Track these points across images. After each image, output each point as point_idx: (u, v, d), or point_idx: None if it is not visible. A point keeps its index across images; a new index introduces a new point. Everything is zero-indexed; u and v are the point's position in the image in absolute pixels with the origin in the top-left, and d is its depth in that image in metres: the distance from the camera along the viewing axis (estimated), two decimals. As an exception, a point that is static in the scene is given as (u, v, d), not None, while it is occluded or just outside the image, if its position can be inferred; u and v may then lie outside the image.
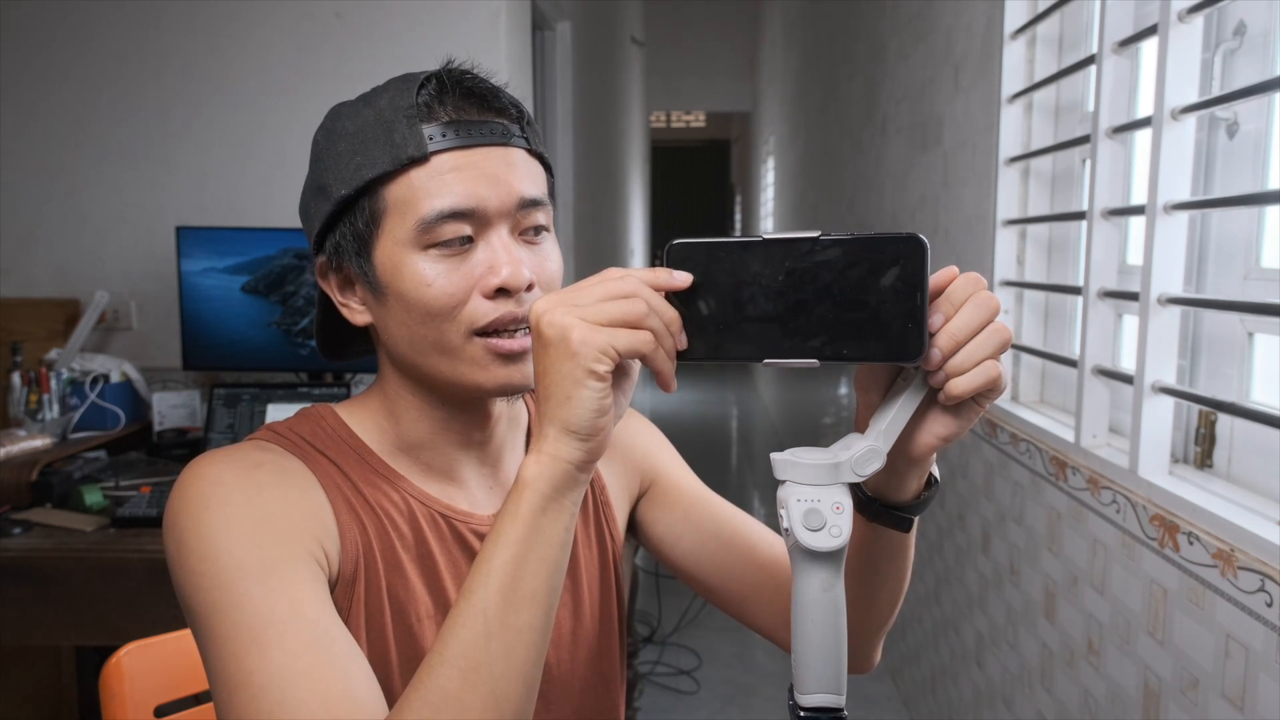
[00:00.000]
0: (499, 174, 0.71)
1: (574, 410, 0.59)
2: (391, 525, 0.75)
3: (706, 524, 0.91)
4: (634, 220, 8.38)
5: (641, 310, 0.57)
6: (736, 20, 9.79)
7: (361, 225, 0.72)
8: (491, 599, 0.60)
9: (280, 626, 0.63)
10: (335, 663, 0.62)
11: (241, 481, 0.69)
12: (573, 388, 0.58)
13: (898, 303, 0.56)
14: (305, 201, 0.77)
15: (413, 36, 2.39)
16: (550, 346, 0.58)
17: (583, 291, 0.59)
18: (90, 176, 2.43)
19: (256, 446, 0.75)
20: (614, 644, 0.89)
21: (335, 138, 0.73)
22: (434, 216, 0.69)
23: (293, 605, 0.64)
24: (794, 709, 0.60)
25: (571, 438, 0.60)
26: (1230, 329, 1.31)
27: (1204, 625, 1.16)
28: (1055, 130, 1.88)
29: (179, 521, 0.68)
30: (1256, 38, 1.26)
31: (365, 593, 0.73)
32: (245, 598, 0.64)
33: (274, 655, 0.61)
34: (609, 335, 0.57)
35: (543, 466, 0.61)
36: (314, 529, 0.70)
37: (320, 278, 0.78)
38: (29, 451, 1.97)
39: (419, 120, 0.70)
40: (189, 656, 1.07)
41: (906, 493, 0.68)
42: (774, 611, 0.88)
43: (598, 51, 4.90)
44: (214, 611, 0.64)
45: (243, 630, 0.63)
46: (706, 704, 2.75)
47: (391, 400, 0.79)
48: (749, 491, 5.24)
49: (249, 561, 0.65)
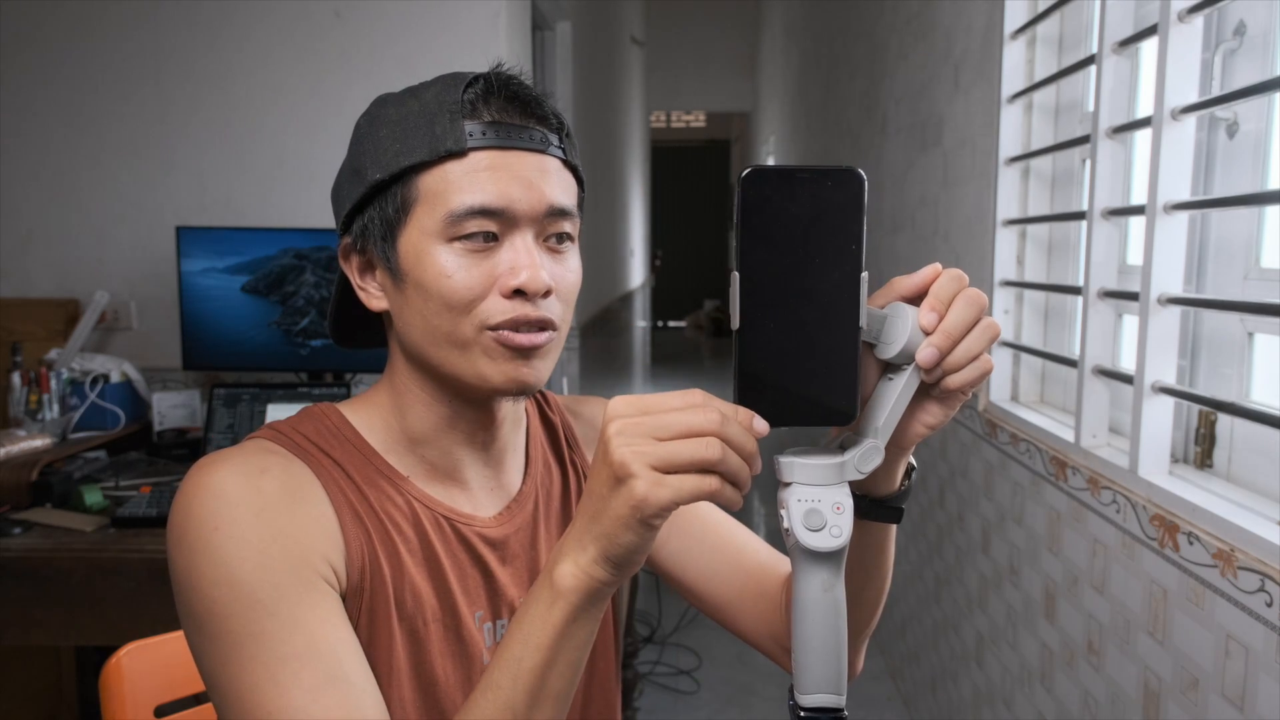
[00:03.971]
0: (532, 179, 0.72)
1: (617, 547, 0.59)
2: (395, 529, 0.75)
3: (695, 529, 0.91)
4: (634, 220, 8.38)
5: (716, 456, 0.55)
6: (736, 20, 9.78)
7: (391, 211, 0.73)
8: (520, 699, 0.62)
9: (297, 663, 0.63)
10: (350, 699, 0.64)
11: (248, 495, 0.68)
12: (623, 532, 0.58)
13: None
14: (339, 183, 0.78)
15: (412, 36, 2.39)
16: (613, 480, 0.57)
17: (660, 419, 0.56)
18: (90, 177, 2.43)
19: (260, 448, 0.74)
20: (609, 644, 0.90)
21: (378, 124, 0.74)
22: (463, 211, 0.70)
23: (308, 638, 0.64)
24: (794, 709, 0.60)
25: (609, 564, 0.60)
26: (1230, 329, 1.31)
27: (1204, 625, 1.16)
28: (1055, 130, 1.88)
29: (187, 539, 0.67)
30: (1256, 38, 1.26)
31: (371, 600, 0.73)
32: (259, 630, 0.64)
33: (293, 695, 0.62)
34: (675, 490, 0.55)
35: (579, 581, 0.61)
36: (321, 545, 0.70)
37: (342, 259, 0.79)
38: (29, 451, 1.97)
39: (461, 117, 0.71)
40: (189, 657, 1.06)
41: (893, 483, 0.70)
42: (759, 618, 0.88)
43: (598, 51, 4.90)
44: (228, 640, 0.64)
45: (259, 665, 0.63)
46: (706, 704, 2.75)
47: (399, 392, 0.79)
48: (748, 492, 5.24)
49: (260, 589, 0.65)
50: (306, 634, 0.64)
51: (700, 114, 13.09)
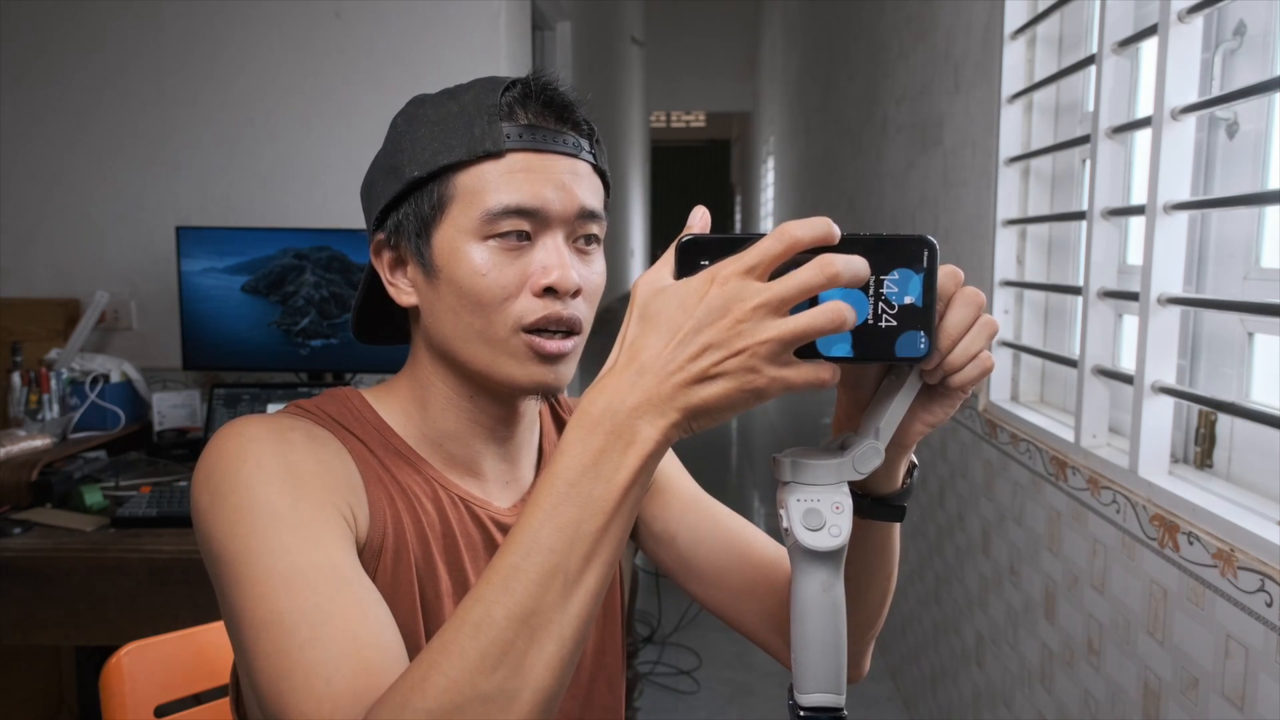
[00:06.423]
0: (565, 181, 0.74)
1: (709, 414, 0.55)
2: (419, 504, 0.78)
3: (701, 524, 0.92)
4: (634, 220, 8.38)
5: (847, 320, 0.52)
6: (736, 20, 9.79)
7: (427, 209, 0.75)
8: (574, 564, 0.55)
9: (313, 573, 0.63)
10: (365, 608, 0.63)
11: (275, 440, 0.71)
12: (726, 408, 0.54)
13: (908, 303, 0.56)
14: (371, 179, 0.80)
15: (413, 36, 2.39)
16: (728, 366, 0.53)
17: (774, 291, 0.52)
18: (90, 176, 2.44)
19: (288, 415, 0.77)
20: (616, 637, 0.91)
21: (416, 123, 0.76)
22: (499, 209, 0.72)
23: (326, 555, 0.65)
24: (794, 709, 0.60)
25: (691, 427, 0.55)
26: (1230, 329, 1.31)
27: (1204, 625, 1.16)
28: (1055, 130, 1.88)
29: (215, 473, 0.69)
30: (1256, 38, 1.27)
31: (394, 565, 0.74)
32: (279, 544, 0.64)
33: (306, 596, 0.62)
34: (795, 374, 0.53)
35: (658, 445, 0.55)
36: (344, 491, 0.72)
37: (374, 255, 0.80)
38: (29, 451, 1.97)
39: (499, 119, 0.73)
40: (189, 656, 1.07)
41: (895, 482, 0.70)
42: (765, 614, 0.88)
43: (598, 51, 4.90)
44: (247, 556, 0.64)
45: (275, 575, 0.63)
46: (706, 704, 2.75)
47: (422, 388, 0.81)
48: (749, 492, 5.24)
49: (284, 511, 0.66)
50: (325, 550, 0.65)
51: (700, 114, 13.09)
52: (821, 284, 0.51)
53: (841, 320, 0.52)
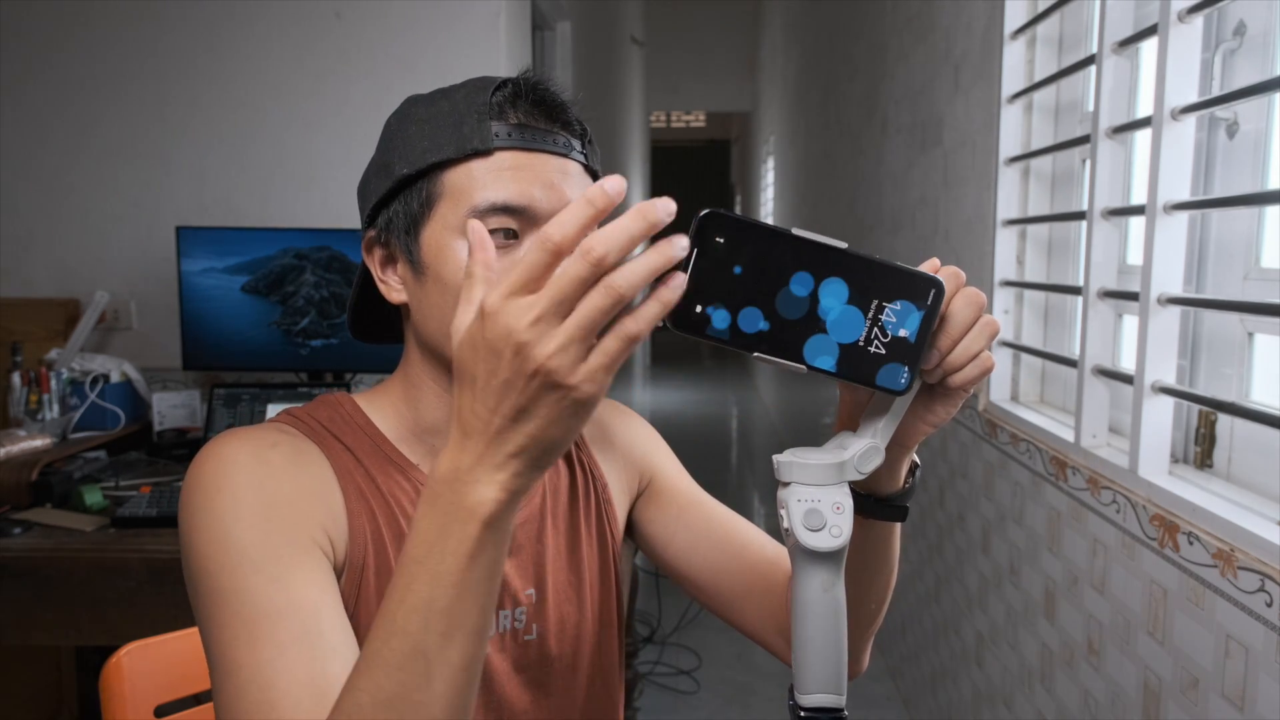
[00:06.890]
0: (554, 180, 0.74)
1: (563, 444, 0.53)
2: (402, 513, 0.78)
3: (700, 524, 0.92)
4: (634, 220, 8.37)
5: (616, 298, 0.50)
6: (736, 20, 9.79)
7: (416, 206, 0.75)
8: (433, 642, 0.55)
9: (273, 619, 0.64)
10: (318, 660, 0.63)
11: (254, 462, 0.71)
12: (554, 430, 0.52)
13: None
14: (366, 178, 0.81)
15: (412, 36, 2.38)
16: (533, 384, 0.50)
17: (549, 293, 0.49)
18: (90, 176, 2.44)
19: (275, 428, 0.77)
20: (614, 639, 0.91)
21: (407, 122, 0.77)
22: (485, 206, 0.72)
23: (289, 596, 0.65)
24: (794, 709, 0.60)
25: (535, 470, 0.54)
26: (1230, 329, 1.31)
27: (1204, 625, 1.16)
28: (1055, 130, 1.88)
29: (191, 502, 0.70)
30: (1256, 38, 1.27)
31: (376, 579, 0.75)
32: (244, 586, 0.65)
33: (261, 649, 0.63)
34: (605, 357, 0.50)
35: (500, 505, 0.53)
36: (321, 516, 0.72)
37: (365, 252, 0.81)
38: (29, 451, 1.97)
39: (489, 118, 0.74)
40: (189, 656, 1.07)
41: (897, 482, 0.70)
42: (765, 614, 0.88)
43: (598, 51, 4.90)
44: (214, 596, 0.66)
45: (237, 619, 0.64)
46: (706, 704, 2.75)
47: (413, 383, 0.81)
48: (749, 492, 5.24)
49: (252, 548, 0.67)
50: (289, 593, 0.66)
51: (700, 114, 13.09)
52: (586, 271, 0.48)
53: (628, 287, 0.49)
